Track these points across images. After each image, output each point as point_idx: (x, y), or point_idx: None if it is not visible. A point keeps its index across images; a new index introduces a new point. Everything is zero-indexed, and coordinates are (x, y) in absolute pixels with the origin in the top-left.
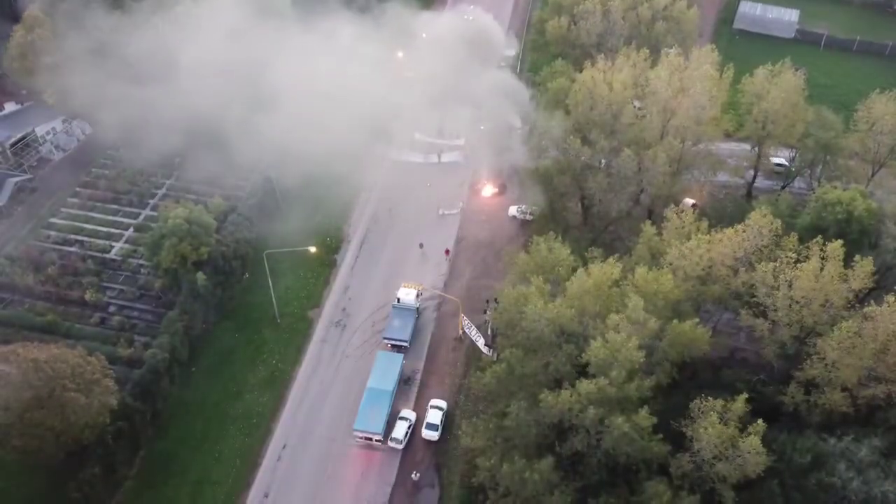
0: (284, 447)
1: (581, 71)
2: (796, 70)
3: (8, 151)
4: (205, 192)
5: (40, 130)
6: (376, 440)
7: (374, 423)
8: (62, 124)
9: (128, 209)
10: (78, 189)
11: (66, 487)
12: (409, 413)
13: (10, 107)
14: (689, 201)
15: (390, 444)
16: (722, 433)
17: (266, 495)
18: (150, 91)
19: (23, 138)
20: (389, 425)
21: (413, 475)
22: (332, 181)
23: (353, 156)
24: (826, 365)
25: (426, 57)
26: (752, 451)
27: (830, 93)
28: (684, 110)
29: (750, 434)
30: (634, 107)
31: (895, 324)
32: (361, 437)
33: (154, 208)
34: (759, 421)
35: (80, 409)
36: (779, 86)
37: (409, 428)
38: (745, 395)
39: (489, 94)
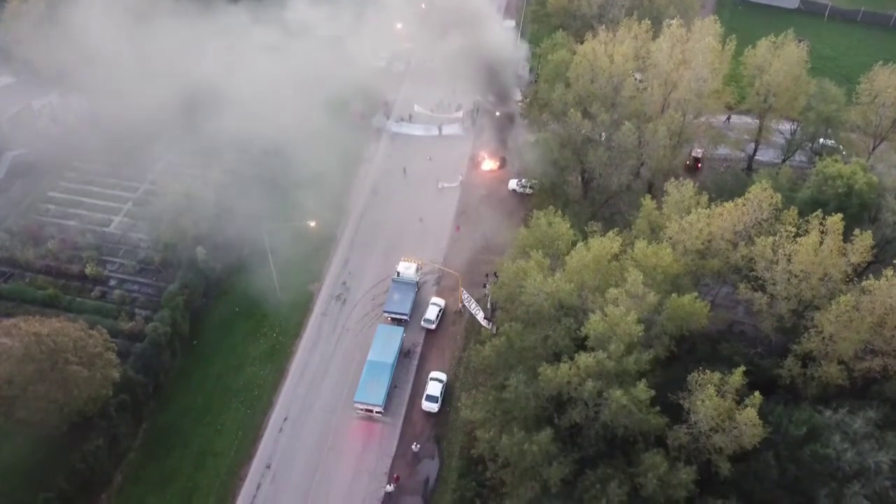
0: (286, 419)
1: (582, 43)
2: (799, 42)
3: (4, 125)
4: (204, 165)
5: (36, 104)
6: (377, 412)
7: (374, 395)
8: (58, 98)
9: (126, 183)
10: (76, 163)
11: (71, 459)
12: (438, 300)
13: (5, 79)
14: (699, 151)
15: (423, 324)
16: (719, 406)
17: (268, 466)
18: (146, 66)
19: (19, 112)
20: (390, 396)
21: (413, 446)
22: (331, 155)
23: (352, 129)
24: (823, 338)
25: (424, 28)
26: (749, 423)
27: (833, 65)
28: (686, 83)
29: (746, 406)
30: (635, 79)
31: (893, 297)
32: (362, 409)
33: (153, 182)
34: (756, 393)
35: (83, 382)
36: (781, 58)
37: (440, 312)
38: (742, 369)
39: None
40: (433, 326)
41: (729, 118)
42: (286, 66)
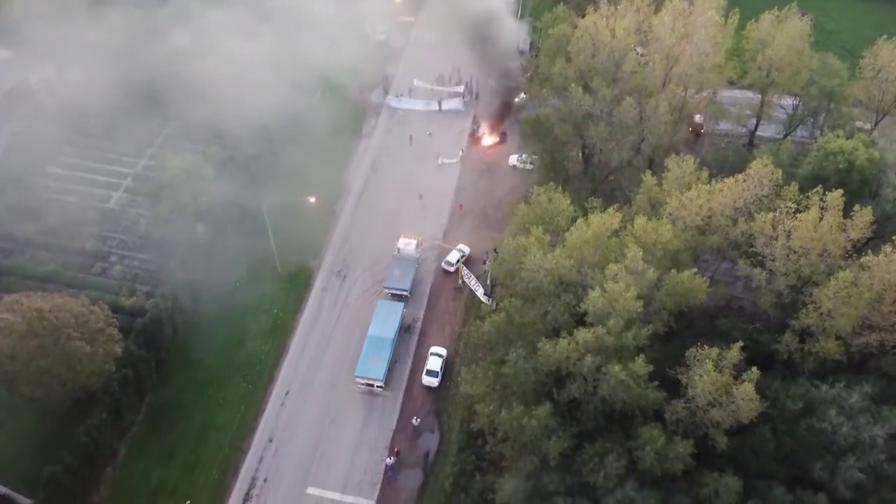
0: (287, 393)
1: (583, 16)
2: (803, 15)
3: (1, 99)
4: (203, 140)
5: (33, 78)
6: (377, 386)
7: (375, 370)
8: (55, 72)
9: (126, 158)
10: (75, 138)
11: (75, 432)
12: (463, 247)
13: (0, 53)
14: (698, 117)
15: (443, 265)
16: (717, 380)
17: (270, 440)
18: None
19: (16, 86)
20: (391, 371)
21: (414, 420)
22: (330, 130)
23: (351, 104)
24: (821, 314)
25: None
26: (746, 397)
27: (837, 39)
28: (687, 57)
29: (744, 381)
30: (637, 54)
31: (891, 273)
32: (363, 384)
33: (152, 157)
34: (754, 368)
35: (86, 358)
36: (784, 32)
37: (461, 257)
38: (740, 344)
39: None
40: (452, 269)
41: (715, 93)
42: (284, 41)
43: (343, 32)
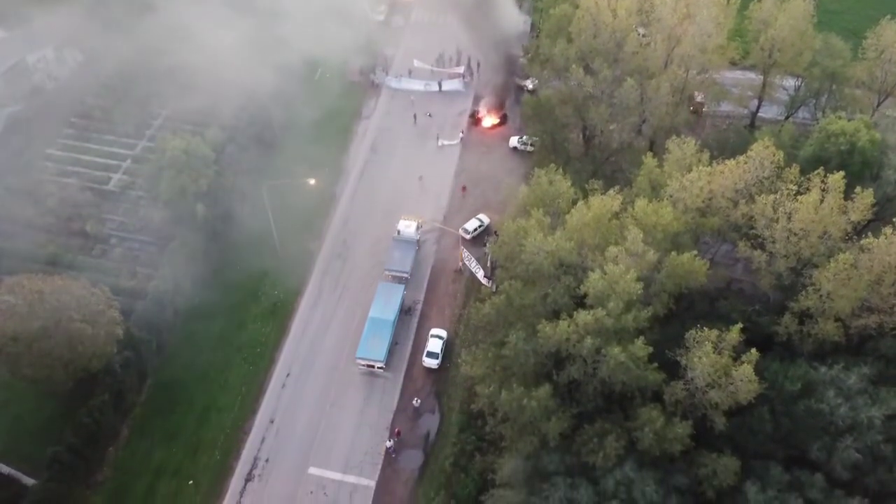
0: (288, 375)
1: None
2: None
3: None
4: (201, 122)
5: (31, 59)
6: (378, 367)
7: (375, 351)
8: (53, 53)
9: (125, 140)
10: (73, 119)
11: (78, 413)
12: (483, 217)
13: None
14: (700, 96)
15: (460, 232)
16: (716, 362)
17: (272, 421)
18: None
19: (14, 67)
20: (392, 352)
21: (414, 401)
22: (330, 112)
23: (350, 86)
24: (821, 296)
25: None
26: (745, 379)
27: (840, 19)
28: (690, 38)
29: (743, 363)
30: (639, 34)
31: (891, 255)
32: (364, 365)
33: (151, 139)
34: (753, 350)
35: (87, 340)
36: (787, 12)
37: (479, 226)
38: (739, 326)
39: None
40: (468, 237)
41: (715, 73)
42: (283, 21)
43: (343, 13)
